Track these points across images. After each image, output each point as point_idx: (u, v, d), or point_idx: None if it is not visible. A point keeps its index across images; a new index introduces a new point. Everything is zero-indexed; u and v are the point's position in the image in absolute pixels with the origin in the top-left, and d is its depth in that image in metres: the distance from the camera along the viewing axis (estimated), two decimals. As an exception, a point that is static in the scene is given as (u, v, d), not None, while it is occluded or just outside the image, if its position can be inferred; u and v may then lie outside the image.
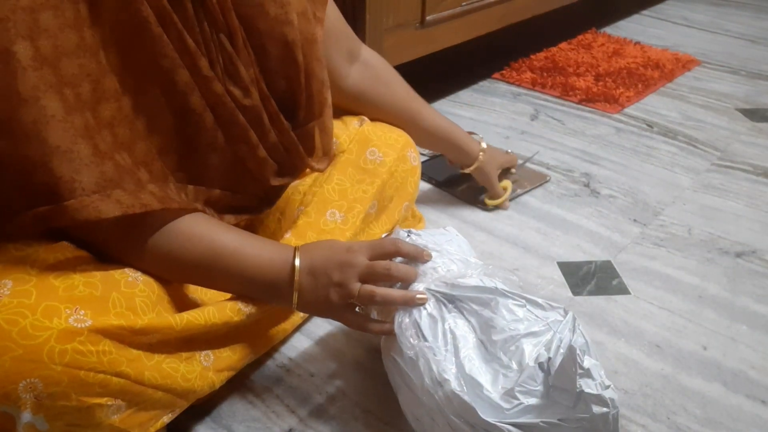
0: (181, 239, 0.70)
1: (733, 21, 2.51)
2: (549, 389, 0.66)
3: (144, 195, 0.65)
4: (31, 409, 0.57)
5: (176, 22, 0.65)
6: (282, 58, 0.75)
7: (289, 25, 0.75)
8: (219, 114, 0.71)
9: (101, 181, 0.62)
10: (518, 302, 0.73)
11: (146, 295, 0.66)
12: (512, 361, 0.69)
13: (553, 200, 1.31)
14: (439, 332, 0.71)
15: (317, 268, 0.74)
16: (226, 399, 0.85)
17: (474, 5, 1.64)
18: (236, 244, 0.72)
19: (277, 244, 0.78)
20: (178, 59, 0.67)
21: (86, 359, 0.58)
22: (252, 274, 0.73)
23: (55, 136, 0.59)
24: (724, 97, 1.83)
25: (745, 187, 1.38)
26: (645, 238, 1.20)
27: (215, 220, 0.75)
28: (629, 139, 1.58)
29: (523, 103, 1.76)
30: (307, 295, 0.74)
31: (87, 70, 0.62)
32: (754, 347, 0.96)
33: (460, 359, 0.70)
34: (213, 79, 0.69)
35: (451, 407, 0.67)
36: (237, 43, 0.71)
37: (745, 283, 1.09)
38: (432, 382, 0.69)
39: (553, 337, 0.69)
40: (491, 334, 0.71)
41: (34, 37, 0.58)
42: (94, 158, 0.61)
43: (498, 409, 0.66)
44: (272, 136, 0.77)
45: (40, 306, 0.57)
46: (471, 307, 0.73)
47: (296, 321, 0.91)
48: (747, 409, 0.86)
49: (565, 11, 2.11)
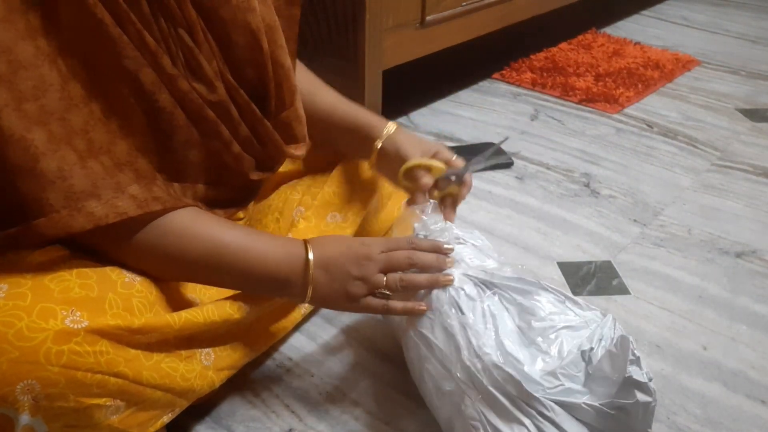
0: (177, 237, 0.69)
1: (733, 21, 2.51)
2: (588, 378, 0.68)
3: (121, 201, 0.63)
4: (29, 411, 0.57)
5: (134, 21, 0.64)
6: (248, 46, 0.73)
7: (252, 12, 0.73)
8: (188, 111, 0.70)
9: (70, 194, 0.61)
10: (558, 298, 0.76)
11: (143, 295, 0.66)
12: (551, 348, 0.71)
13: (553, 200, 1.31)
14: (479, 311, 0.73)
15: (332, 263, 0.73)
16: (226, 399, 0.85)
17: (474, 5, 1.64)
18: (241, 240, 0.72)
19: (285, 238, 0.78)
20: (141, 58, 0.65)
21: (83, 360, 0.58)
22: (261, 270, 0.72)
23: (16, 156, 0.58)
24: (724, 97, 1.82)
25: (745, 187, 1.38)
26: (645, 238, 1.20)
27: (214, 216, 0.74)
28: (629, 139, 1.58)
29: (523, 103, 1.76)
30: (321, 289, 0.74)
31: (49, 80, 0.60)
32: (754, 347, 0.96)
33: (500, 338, 0.71)
34: (177, 77, 0.67)
35: (490, 378, 0.68)
36: (197, 36, 0.69)
37: (745, 283, 1.09)
38: (470, 355, 0.70)
39: (594, 331, 0.72)
40: (531, 322, 0.73)
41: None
42: (60, 173, 0.60)
43: (538, 386, 0.67)
44: (243, 129, 0.75)
45: (35, 308, 0.57)
46: (510, 295, 0.75)
47: (296, 318, 0.90)
48: (747, 409, 0.86)
49: (565, 11, 2.11)
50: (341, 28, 1.38)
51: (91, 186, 0.62)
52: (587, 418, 0.67)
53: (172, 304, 0.71)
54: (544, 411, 0.66)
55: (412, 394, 0.85)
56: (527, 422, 0.66)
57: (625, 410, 0.66)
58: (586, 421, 0.67)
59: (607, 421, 0.67)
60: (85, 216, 0.61)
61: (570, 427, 0.66)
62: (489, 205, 1.28)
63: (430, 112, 1.69)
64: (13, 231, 0.60)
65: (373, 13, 1.35)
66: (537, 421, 0.66)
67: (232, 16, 0.71)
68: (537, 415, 0.66)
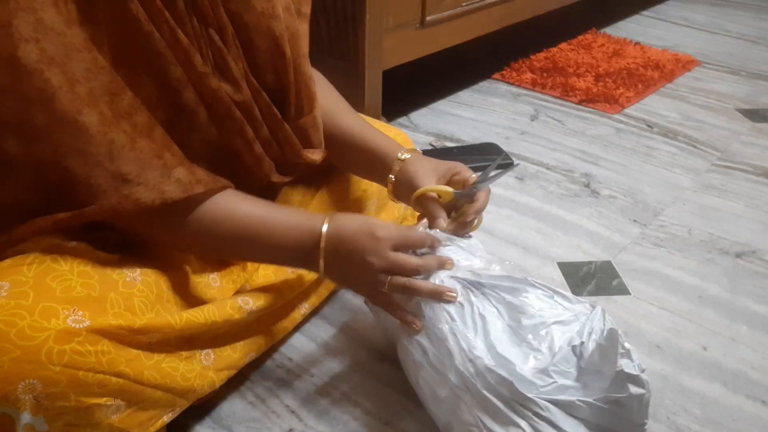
0: (211, 218, 0.70)
1: (733, 21, 2.51)
2: (580, 372, 0.68)
3: (168, 186, 0.65)
4: (30, 410, 0.57)
5: (168, 19, 0.65)
6: (270, 52, 0.75)
7: (276, 19, 0.74)
8: (215, 109, 0.71)
9: (117, 175, 0.62)
10: (546, 293, 0.76)
11: (145, 295, 0.66)
12: (542, 345, 0.71)
13: (553, 200, 1.31)
14: (467, 317, 0.73)
15: (340, 245, 0.73)
16: (226, 399, 0.85)
17: (474, 5, 1.64)
18: (262, 213, 0.73)
19: (307, 213, 0.78)
20: (171, 56, 0.66)
21: (85, 359, 0.58)
22: (278, 240, 0.73)
23: (67, 136, 0.60)
24: (724, 98, 1.83)
25: (745, 187, 1.38)
26: (645, 239, 1.20)
27: (242, 195, 0.74)
28: (629, 139, 1.58)
29: (523, 103, 1.76)
30: (332, 266, 0.74)
31: (101, 62, 0.62)
32: (754, 347, 0.96)
33: (491, 340, 0.71)
34: (208, 75, 0.69)
35: (484, 382, 0.68)
36: (226, 38, 0.71)
37: (745, 283, 1.09)
38: (463, 360, 0.70)
39: (584, 324, 0.71)
40: (520, 320, 0.72)
41: (39, 38, 0.59)
42: (109, 154, 0.62)
43: (532, 385, 0.67)
44: (264, 131, 0.76)
45: (37, 307, 0.57)
46: (499, 294, 0.75)
47: (297, 319, 0.91)
48: (747, 409, 0.86)
49: (565, 11, 2.11)
50: (341, 28, 1.38)
51: (138, 168, 0.63)
52: (583, 414, 0.67)
53: (175, 302, 0.72)
54: (539, 411, 0.66)
55: (412, 394, 0.85)
56: (523, 424, 0.66)
57: (619, 404, 0.66)
58: (582, 417, 0.67)
59: (603, 415, 0.67)
60: (132, 202, 0.63)
61: (566, 425, 0.66)
62: (489, 206, 1.27)
63: (430, 112, 1.69)
64: (65, 216, 0.62)
65: (373, 13, 1.35)
66: (533, 422, 0.66)
67: (257, 22, 0.73)
68: (533, 416, 0.66)
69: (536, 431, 0.66)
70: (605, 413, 0.67)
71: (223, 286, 0.82)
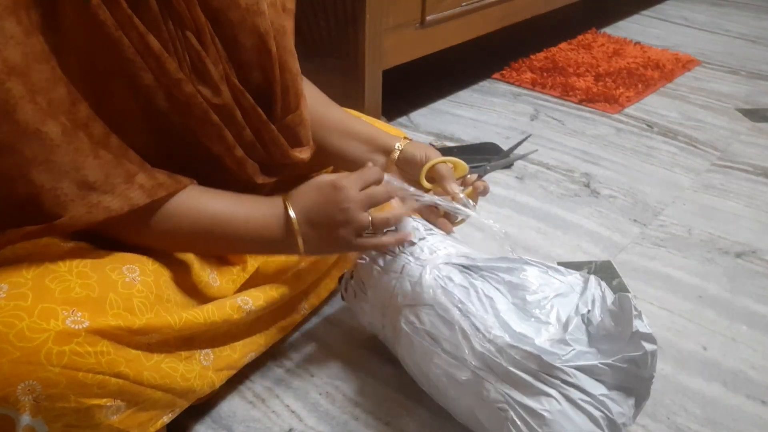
0: (175, 216, 0.70)
1: (733, 21, 2.51)
2: (590, 339, 0.72)
3: (133, 192, 0.65)
4: (30, 411, 0.57)
5: (137, 25, 0.64)
6: (255, 49, 0.74)
7: (261, 15, 0.73)
8: (192, 114, 0.70)
9: (83, 185, 0.62)
10: (541, 269, 0.78)
11: (144, 295, 0.66)
12: (550, 317, 0.73)
13: (553, 200, 1.31)
14: (474, 299, 0.74)
15: (314, 217, 0.74)
16: (226, 399, 0.85)
17: (474, 5, 1.64)
18: (227, 210, 0.73)
19: (267, 199, 0.78)
20: (141, 62, 0.65)
21: (84, 360, 0.58)
22: (251, 234, 0.74)
23: (30, 147, 0.59)
24: (724, 97, 1.82)
25: (745, 187, 1.38)
26: (645, 238, 1.20)
27: (204, 190, 0.74)
28: (629, 139, 1.58)
29: (523, 103, 1.76)
30: (312, 241, 0.75)
31: (57, 74, 0.61)
32: (754, 347, 0.96)
33: (503, 318, 0.73)
34: (182, 81, 0.68)
35: (509, 359, 0.70)
36: (204, 39, 0.70)
37: (745, 283, 1.09)
38: (481, 341, 0.71)
39: (584, 294, 0.75)
40: (525, 296, 0.75)
41: (0, 49, 0.57)
42: (73, 163, 0.61)
43: (554, 356, 0.69)
44: (247, 133, 0.75)
45: (36, 308, 0.57)
46: (497, 275, 0.77)
47: (296, 319, 0.90)
48: (747, 409, 0.86)
49: (565, 11, 2.11)
50: (341, 28, 1.38)
51: (103, 176, 0.63)
52: (602, 376, 0.70)
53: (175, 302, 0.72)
54: (567, 378, 0.68)
55: (412, 394, 0.85)
56: (553, 392, 0.68)
57: (634, 361, 0.69)
58: (602, 379, 0.70)
59: (619, 374, 0.70)
60: (102, 210, 0.63)
61: (591, 387, 0.69)
62: (489, 205, 1.28)
63: (430, 112, 1.69)
64: (34, 229, 0.62)
65: (373, 13, 1.35)
66: (562, 390, 0.68)
67: (241, 19, 0.72)
68: (561, 384, 0.68)
69: (566, 397, 0.68)
70: (621, 372, 0.70)
71: (223, 286, 0.81)
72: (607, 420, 0.69)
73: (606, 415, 0.69)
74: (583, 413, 0.68)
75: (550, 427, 0.67)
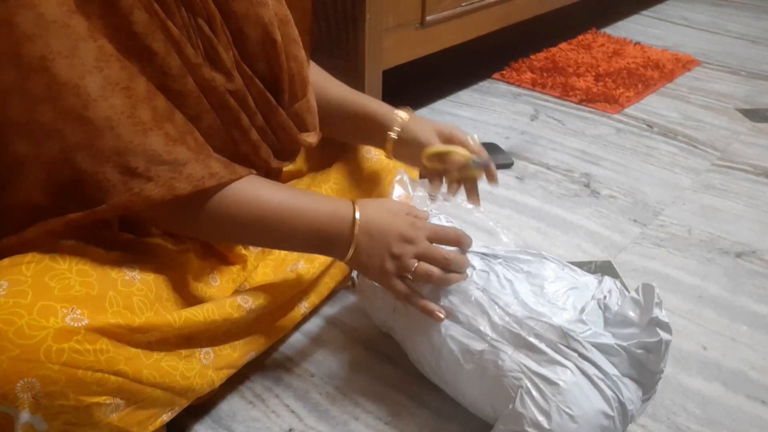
0: (230, 205, 0.70)
1: (733, 21, 2.51)
2: (606, 324, 0.75)
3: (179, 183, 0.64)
4: (29, 408, 0.57)
5: (158, 11, 0.65)
6: (260, 40, 0.74)
7: (264, 6, 0.74)
8: (210, 100, 0.71)
9: (127, 171, 0.62)
10: (559, 265, 0.81)
11: (144, 293, 0.66)
12: (567, 304, 0.76)
13: (553, 200, 1.31)
14: (494, 281, 0.77)
15: (376, 232, 0.74)
16: (226, 399, 0.84)
17: (474, 5, 1.64)
18: (284, 198, 0.73)
19: (332, 198, 0.79)
20: (168, 44, 0.66)
21: (83, 358, 0.58)
22: (308, 228, 0.73)
23: (75, 132, 0.60)
24: (724, 97, 1.82)
25: (745, 187, 1.38)
26: (645, 238, 1.20)
27: (263, 180, 0.74)
28: (629, 139, 1.57)
29: (523, 103, 1.76)
30: (361, 252, 0.75)
31: (108, 50, 0.62)
32: (754, 347, 0.96)
33: (522, 299, 0.76)
34: (200, 65, 0.68)
35: (528, 330, 0.73)
36: (215, 27, 0.70)
37: (745, 283, 1.09)
38: (501, 315, 0.74)
39: (601, 286, 0.79)
40: (543, 285, 0.78)
41: (42, 34, 0.58)
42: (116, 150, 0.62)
43: (572, 332, 0.71)
44: (258, 119, 0.76)
45: (36, 306, 0.57)
46: (517, 266, 0.80)
47: (296, 318, 0.90)
48: (747, 409, 0.86)
49: (565, 11, 2.11)
50: (341, 27, 1.38)
51: (146, 162, 0.63)
52: (615, 360, 0.71)
53: (175, 301, 0.72)
54: (584, 352, 0.70)
55: (412, 394, 0.85)
56: (569, 365, 0.70)
57: (647, 348, 0.71)
58: (614, 362, 0.71)
59: (631, 361, 0.72)
60: (143, 199, 0.63)
61: (606, 365, 0.71)
62: (489, 205, 1.28)
63: (430, 112, 1.69)
64: (76, 216, 0.62)
65: (373, 13, 1.35)
66: (579, 363, 0.70)
67: (245, 11, 0.72)
68: (578, 357, 0.70)
69: (582, 371, 0.70)
70: (634, 359, 0.72)
71: (223, 285, 0.81)
72: (618, 402, 0.70)
73: (618, 398, 0.70)
74: (596, 389, 0.70)
75: (563, 396, 0.68)
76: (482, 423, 0.80)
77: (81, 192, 0.62)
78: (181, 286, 0.77)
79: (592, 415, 0.68)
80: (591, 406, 0.69)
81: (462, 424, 0.82)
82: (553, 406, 0.68)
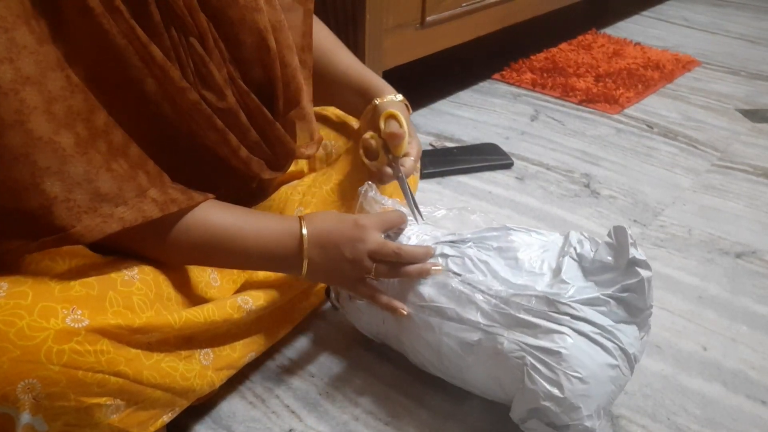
0: (185, 230, 0.70)
1: (733, 21, 2.51)
2: (585, 274, 0.75)
3: (146, 205, 0.65)
4: (29, 409, 0.57)
5: (139, 35, 0.64)
6: (255, 46, 0.74)
7: (259, 12, 0.74)
8: (196, 121, 0.71)
9: (96, 196, 0.61)
10: (524, 231, 0.82)
11: (144, 293, 0.66)
12: (543, 268, 0.76)
13: (553, 200, 1.31)
14: (470, 265, 0.77)
15: (326, 241, 0.75)
16: (226, 399, 0.85)
17: (474, 6, 1.64)
18: (238, 223, 0.73)
19: (280, 216, 0.79)
20: (145, 70, 0.65)
21: (84, 359, 0.58)
22: (260, 249, 0.74)
23: (44, 157, 0.58)
24: (724, 98, 1.83)
25: (745, 187, 1.38)
26: (645, 239, 1.20)
27: (216, 204, 0.74)
28: (629, 139, 1.58)
29: (523, 103, 1.76)
30: (317, 265, 0.76)
31: (74, 81, 0.61)
32: (754, 347, 0.96)
33: (502, 277, 0.76)
34: (187, 89, 0.68)
35: (516, 306, 0.73)
36: (207, 44, 0.70)
37: (745, 284, 1.09)
38: (486, 299, 0.74)
39: (569, 238, 0.79)
40: (516, 256, 0.78)
41: (12, 58, 0.57)
42: (86, 174, 0.61)
43: (557, 296, 0.72)
44: (252, 134, 0.76)
45: (36, 307, 0.57)
46: (486, 243, 0.80)
47: (297, 318, 0.91)
48: (747, 409, 0.86)
49: (565, 12, 2.11)
50: (341, 28, 1.38)
51: (116, 188, 0.63)
52: (604, 308, 0.72)
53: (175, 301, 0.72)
54: (575, 312, 0.71)
55: (412, 394, 0.85)
56: (565, 329, 0.71)
57: (631, 290, 0.72)
58: (604, 312, 0.72)
59: (619, 305, 0.73)
60: (117, 221, 0.62)
61: (598, 319, 0.71)
62: (489, 205, 1.29)
63: (430, 112, 1.69)
64: (50, 240, 0.60)
65: (373, 13, 1.35)
66: (573, 324, 0.71)
67: (241, 17, 0.72)
68: (571, 319, 0.71)
69: (577, 331, 0.70)
70: (621, 303, 0.73)
71: (223, 286, 0.81)
72: (619, 350, 0.71)
73: (618, 345, 0.71)
74: (596, 345, 0.70)
75: (567, 362, 0.69)
76: (482, 423, 0.80)
77: (51, 217, 0.60)
78: (182, 286, 0.77)
79: (599, 371, 0.69)
80: (595, 362, 0.70)
81: (462, 424, 0.82)
82: (561, 374, 0.69)
